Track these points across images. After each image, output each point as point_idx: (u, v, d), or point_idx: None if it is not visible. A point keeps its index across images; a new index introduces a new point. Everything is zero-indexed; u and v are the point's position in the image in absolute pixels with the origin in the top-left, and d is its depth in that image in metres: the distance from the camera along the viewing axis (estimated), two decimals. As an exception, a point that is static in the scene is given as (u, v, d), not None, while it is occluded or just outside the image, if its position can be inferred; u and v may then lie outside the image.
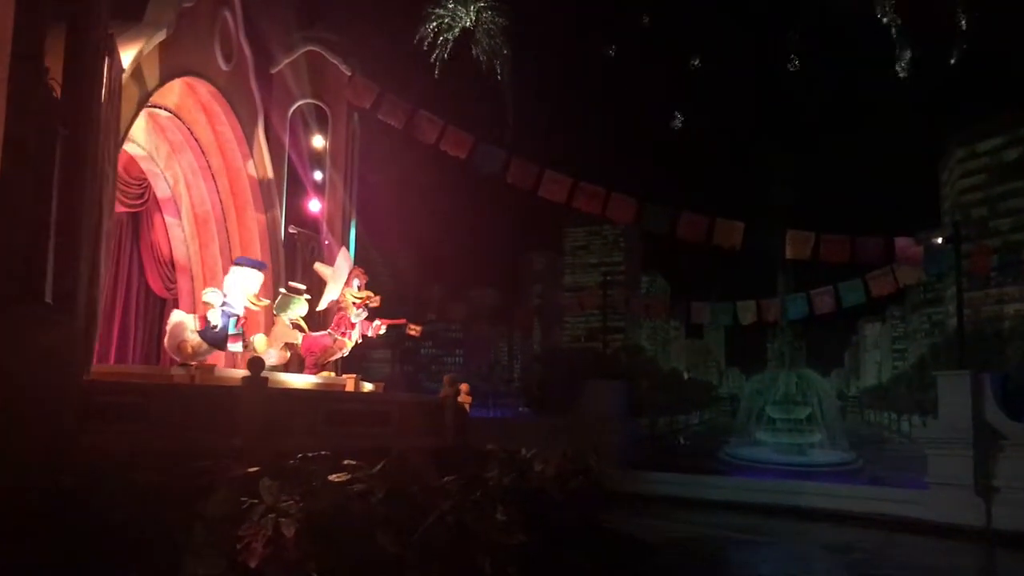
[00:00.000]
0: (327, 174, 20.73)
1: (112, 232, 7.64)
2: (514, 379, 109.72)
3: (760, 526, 19.83)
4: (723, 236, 23.52)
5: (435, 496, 6.21)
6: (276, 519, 5.40)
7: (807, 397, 35.24)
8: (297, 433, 7.95)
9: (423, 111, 23.09)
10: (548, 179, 23.73)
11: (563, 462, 9.63)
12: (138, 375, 9.81)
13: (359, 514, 5.73)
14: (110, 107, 7.36)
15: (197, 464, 5.97)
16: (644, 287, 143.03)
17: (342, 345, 12.57)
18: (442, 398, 10.76)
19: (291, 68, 20.22)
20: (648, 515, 20.54)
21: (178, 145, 15.33)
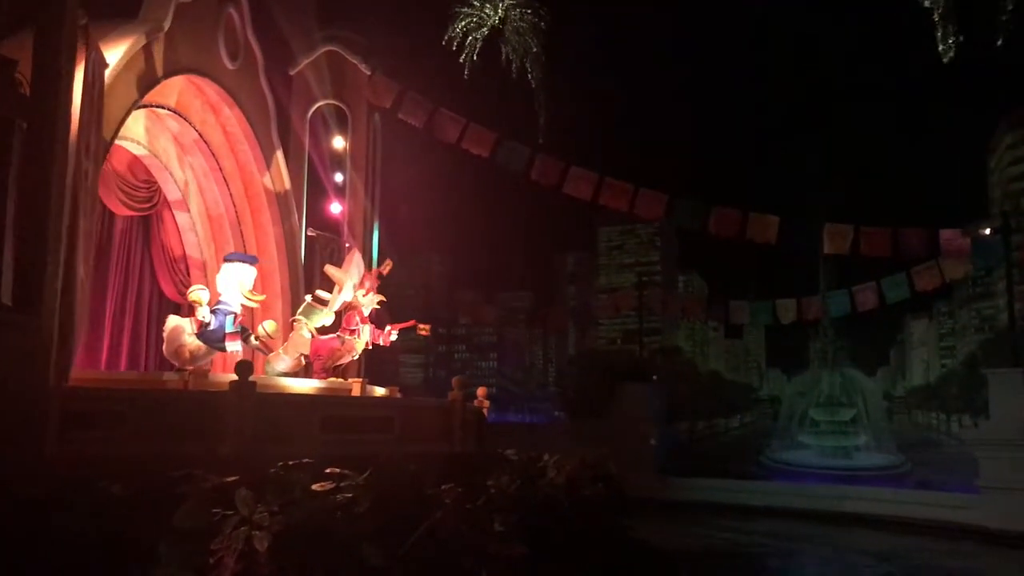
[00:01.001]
0: (347, 176, 20.55)
1: (93, 232, 7.46)
2: (548, 383, 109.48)
3: (801, 533, 19.25)
4: (757, 231, 22.94)
5: (426, 505, 5.88)
6: (249, 532, 5.11)
7: (851, 398, 34.55)
8: (291, 440, 7.67)
9: (444, 109, 22.84)
10: (573, 176, 23.33)
11: (577, 469, 9.23)
12: (129, 381, 9.64)
13: (343, 526, 5.41)
14: (88, 102, 7.17)
15: (173, 473, 5.71)
16: (681, 287, 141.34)
17: (351, 347, 12.32)
18: (450, 402, 10.43)
19: (311, 68, 20.09)
20: (682, 522, 20.13)
21: (188, 146, 15.24)
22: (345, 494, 5.66)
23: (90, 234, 7.44)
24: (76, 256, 6.84)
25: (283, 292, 17.82)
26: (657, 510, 21.66)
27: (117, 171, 13.64)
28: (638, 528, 12.41)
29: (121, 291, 14.49)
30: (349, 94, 20.65)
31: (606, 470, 10.35)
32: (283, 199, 17.48)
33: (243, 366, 7.50)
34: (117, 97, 10.24)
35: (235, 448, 6.77)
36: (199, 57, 12.81)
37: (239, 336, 11.06)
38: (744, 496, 24.29)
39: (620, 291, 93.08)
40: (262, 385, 9.60)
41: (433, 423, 9.80)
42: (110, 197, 13.60)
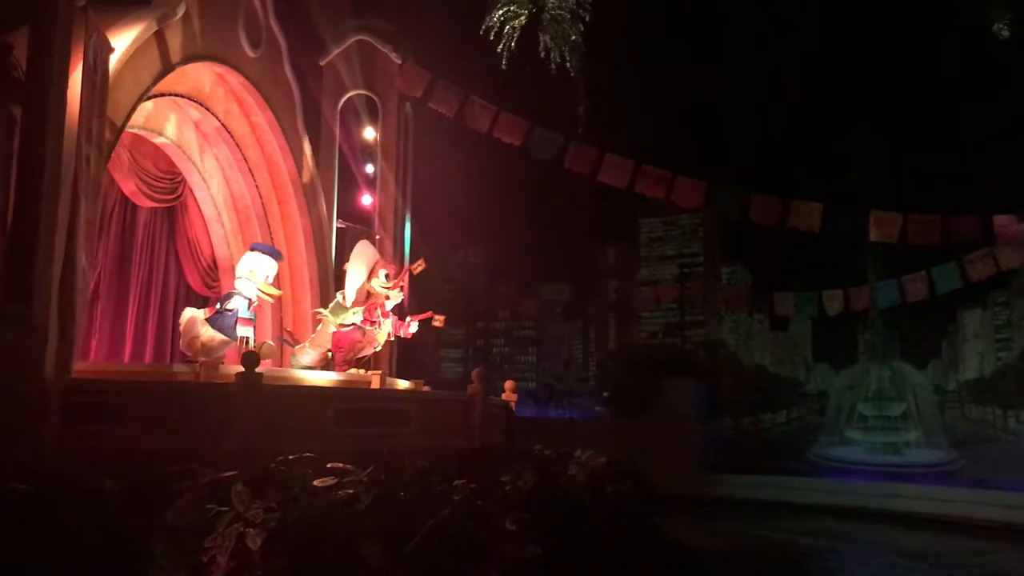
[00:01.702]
0: (378, 167, 20.46)
1: (96, 221, 7.38)
2: (589, 378, 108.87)
3: (846, 532, 18.72)
4: (800, 219, 22.30)
5: (434, 503, 5.65)
6: (241, 529, 4.94)
7: (901, 392, 33.84)
8: (302, 434, 7.48)
9: (475, 97, 22.62)
10: (608, 163, 22.91)
11: (601, 465, 8.94)
12: (139, 372, 9.59)
13: (343, 524, 5.21)
14: (89, 87, 7.06)
15: (171, 468, 5.57)
16: (725, 279, 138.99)
17: (372, 339, 12.16)
18: (469, 395, 10.20)
19: (341, 58, 20.03)
20: (724, 521, 19.76)
21: (211, 137, 15.22)
22: (347, 491, 5.46)
23: (93, 223, 7.36)
24: (76, 245, 6.75)
25: (312, 285, 17.78)
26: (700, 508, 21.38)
27: (138, 161, 13.66)
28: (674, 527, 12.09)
29: (145, 283, 14.54)
30: (380, 84, 20.54)
31: (635, 467, 10.02)
32: (310, 189, 17.42)
33: (249, 357, 7.34)
34: (127, 84, 10.15)
35: (241, 442, 6.63)
36: (217, 44, 12.72)
37: (251, 323, 10.99)
38: (790, 493, 23.96)
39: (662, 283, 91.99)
40: (275, 377, 9.51)
41: (452, 417, 9.57)
42: (131, 188, 13.64)
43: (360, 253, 13.21)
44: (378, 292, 12.45)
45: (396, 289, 12.56)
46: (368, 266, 12.79)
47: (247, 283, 11.30)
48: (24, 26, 6.29)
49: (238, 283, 11.39)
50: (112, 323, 13.53)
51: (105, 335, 13.24)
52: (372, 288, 12.46)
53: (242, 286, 11.28)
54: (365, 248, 13.50)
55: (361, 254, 13.14)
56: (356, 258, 13.11)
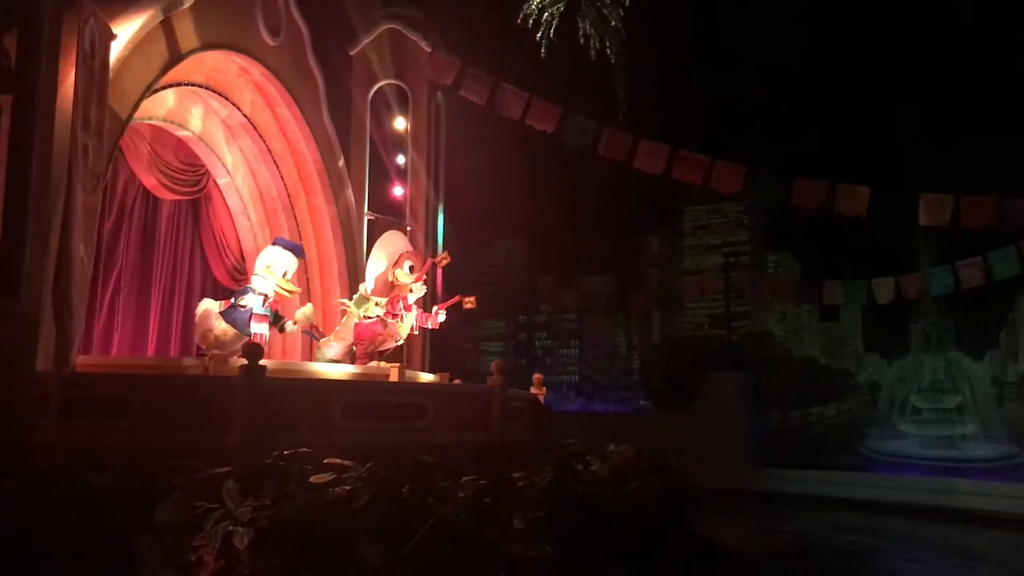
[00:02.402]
0: (409, 157, 20.33)
1: (96, 211, 7.29)
2: (633, 371, 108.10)
3: (898, 529, 18.14)
4: (846, 203, 21.54)
5: (438, 499, 5.43)
6: (228, 527, 4.78)
7: (957, 383, 33.01)
8: (307, 429, 7.34)
9: (506, 84, 22.37)
10: (643, 149, 22.45)
11: (625, 460, 8.64)
12: (147, 366, 9.53)
13: (340, 522, 5.02)
14: (86, 74, 6.95)
15: (167, 464, 5.44)
16: (771, 267, 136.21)
17: (393, 332, 11.99)
18: (489, 388, 9.96)
19: (371, 47, 19.93)
20: (769, 517, 19.40)
21: (234, 128, 15.19)
22: (344, 487, 5.27)
23: (93, 213, 7.27)
24: (71, 236, 6.66)
25: (340, 277, 17.71)
26: (745, 503, 21.11)
27: (159, 154, 13.68)
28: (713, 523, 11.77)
29: (170, 277, 14.57)
30: (410, 73, 20.40)
31: (667, 461, 9.69)
32: (337, 180, 17.33)
33: (252, 349, 7.20)
34: (135, 73, 10.09)
35: (244, 438, 6.49)
36: (233, 32, 12.61)
37: (266, 319, 10.87)
38: (841, 489, 23.50)
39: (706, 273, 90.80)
40: (282, 370, 9.38)
41: (471, 411, 9.33)
42: (151, 180, 13.66)
43: (384, 242, 13.07)
44: (401, 284, 12.25)
45: (419, 282, 12.35)
46: (390, 256, 12.60)
47: (263, 279, 11.20)
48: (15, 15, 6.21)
49: (254, 279, 11.29)
50: (136, 317, 13.58)
51: (129, 329, 13.30)
52: (395, 279, 12.27)
53: (258, 282, 11.18)
54: (391, 238, 13.37)
55: (385, 243, 12.99)
56: (380, 247, 12.96)
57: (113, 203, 13.20)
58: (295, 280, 17.37)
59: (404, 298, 12.13)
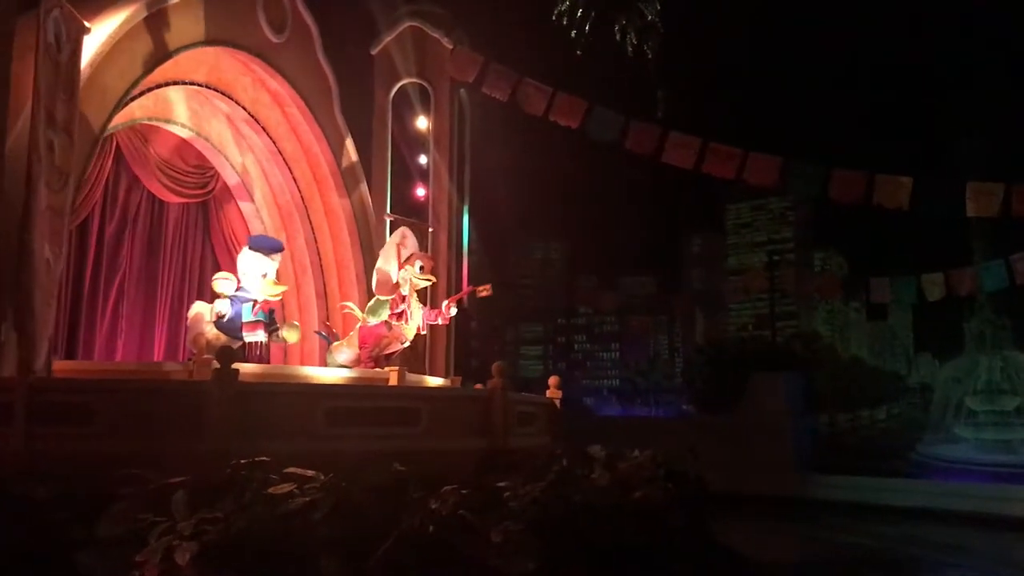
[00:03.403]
0: (431, 157, 20.17)
1: (64, 212, 7.13)
2: (675, 374, 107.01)
3: (954, 539, 17.30)
4: (886, 195, 20.81)
5: (409, 511, 5.12)
6: (171, 542, 4.53)
7: (1015, 385, 31.78)
8: (286, 436, 7.07)
9: (529, 79, 22.11)
10: (673, 142, 21.99)
11: (631, 467, 8.24)
12: (127, 372, 9.38)
13: (298, 534, 4.75)
14: (50, 68, 6.79)
15: (118, 473, 5.23)
16: (818, 265, 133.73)
17: (399, 334, 11.71)
18: (489, 391, 9.62)
19: (393, 46, 19.81)
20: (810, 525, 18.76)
21: (244, 130, 15.09)
22: (304, 498, 5.00)
23: (61, 212, 7.12)
24: (32, 236, 6.50)
25: (359, 279, 17.55)
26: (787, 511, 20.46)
27: (160, 155, 13.60)
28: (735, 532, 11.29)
29: (179, 281, 14.51)
30: (432, 71, 20.25)
31: (680, 467, 9.27)
32: (351, 180, 17.16)
33: (225, 352, 6.98)
34: (118, 70, 9.94)
35: (216, 445, 6.26)
36: (230, 28, 12.43)
37: (260, 326, 10.64)
38: (890, 496, 22.57)
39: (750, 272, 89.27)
40: (273, 375, 9.17)
41: (470, 415, 9.00)
42: (152, 183, 13.60)
43: (392, 242, 12.85)
44: (413, 285, 11.99)
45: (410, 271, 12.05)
46: (398, 254, 12.35)
47: (251, 283, 10.96)
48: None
49: (243, 284, 11.04)
50: (142, 323, 13.52)
51: (135, 335, 13.25)
52: (401, 279, 12.02)
53: (247, 286, 10.92)
54: (399, 237, 13.15)
55: (392, 246, 12.77)
56: (386, 248, 12.75)
57: (115, 207, 13.16)
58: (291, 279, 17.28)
59: (404, 297, 11.87)
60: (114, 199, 13.09)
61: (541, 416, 11.65)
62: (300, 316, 17.21)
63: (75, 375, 8.48)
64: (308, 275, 17.51)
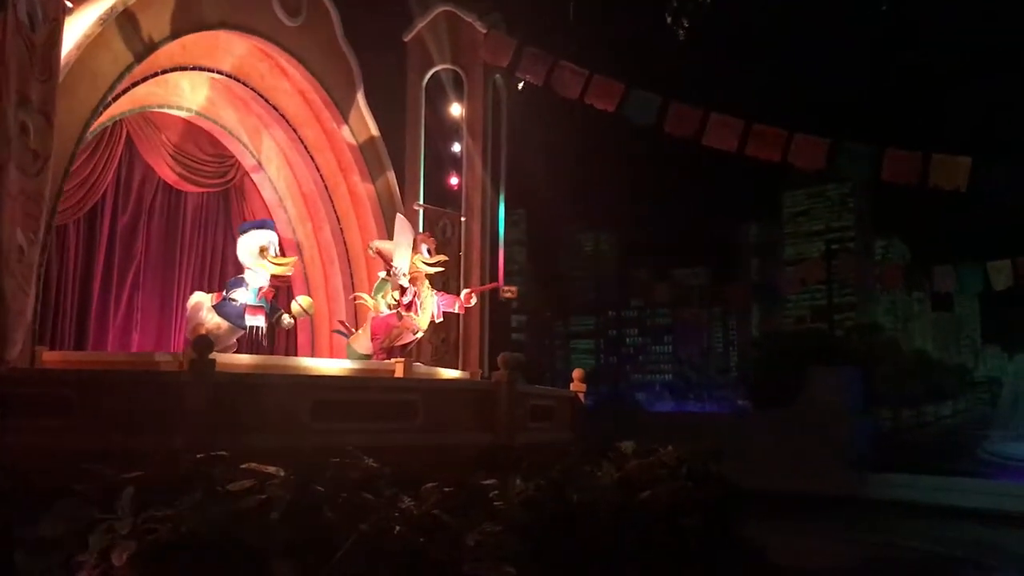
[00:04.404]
0: (464, 145, 19.98)
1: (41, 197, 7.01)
2: (730, 368, 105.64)
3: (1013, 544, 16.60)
4: (943, 176, 19.91)
5: (367, 511, 4.85)
6: (111, 541, 4.34)
7: (1090, 378, 30.64)
8: (270, 430, 6.86)
9: (564, 62, 21.74)
10: (714, 124, 21.38)
11: (641, 466, 7.85)
12: (116, 362, 9.29)
13: (251, 535, 4.52)
14: (23, 47, 6.68)
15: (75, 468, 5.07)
16: (879, 253, 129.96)
17: (410, 324, 11.46)
18: (493, 384, 9.28)
19: (427, 32, 19.67)
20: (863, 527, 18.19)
21: (262, 116, 15.00)
22: (260, 496, 4.77)
23: (37, 197, 7.00)
24: (2, 221, 6.40)
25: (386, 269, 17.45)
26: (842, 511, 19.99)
27: (174, 143, 13.57)
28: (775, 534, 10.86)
29: (198, 272, 14.49)
30: (465, 57, 20.05)
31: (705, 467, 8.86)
32: (376, 167, 16.98)
33: (201, 342, 6.80)
34: (112, 53, 9.87)
35: (192, 439, 6.08)
36: (238, 11, 12.25)
37: (262, 311, 10.53)
38: (955, 496, 21.87)
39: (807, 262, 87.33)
40: (268, 366, 9.00)
41: (472, 409, 8.69)
42: (167, 172, 13.58)
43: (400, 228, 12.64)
44: (419, 270, 11.78)
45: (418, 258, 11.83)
46: (409, 241, 12.14)
47: (253, 271, 10.88)
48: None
49: (247, 272, 10.98)
50: (159, 314, 13.54)
51: (151, 327, 13.26)
52: (414, 267, 11.81)
53: (249, 276, 10.85)
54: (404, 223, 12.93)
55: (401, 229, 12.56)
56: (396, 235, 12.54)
57: (129, 196, 13.17)
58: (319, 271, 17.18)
59: (409, 288, 11.65)
60: (127, 188, 13.10)
61: (560, 410, 11.31)
62: (329, 308, 17.15)
63: (65, 366, 8.43)
64: (335, 266, 17.41)
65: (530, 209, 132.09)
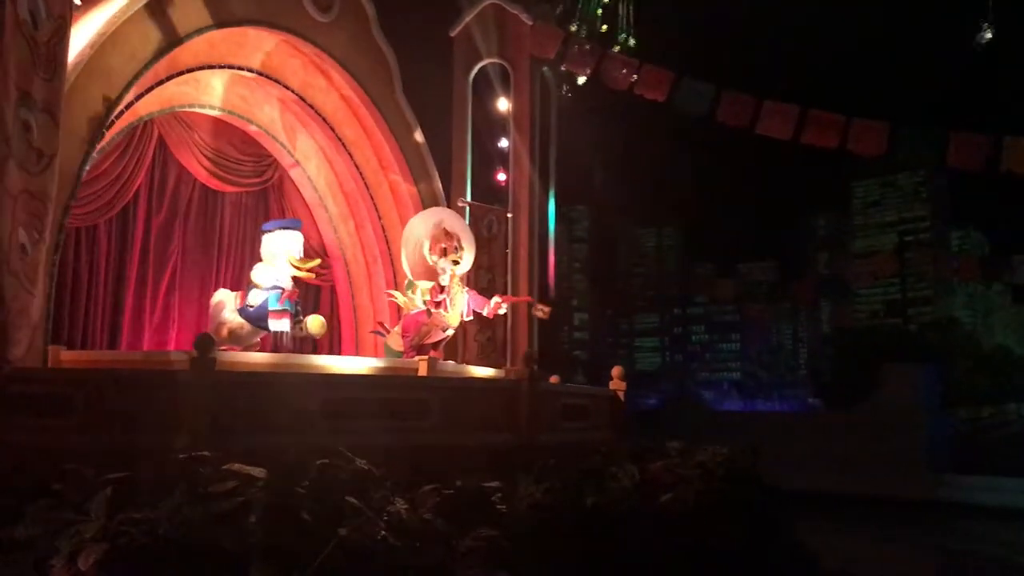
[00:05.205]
0: (511, 140, 19.82)
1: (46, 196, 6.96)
2: (800, 366, 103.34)
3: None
4: (1016, 160, 19.07)
5: (346, 515, 4.65)
6: (79, 544, 4.23)
7: None
8: (276, 430, 6.72)
9: (612, 53, 21.42)
10: (767, 111, 20.82)
11: (665, 468, 7.49)
12: (130, 361, 9.28)
13: (231, 538, 4.37)
14: (24, 44, 6.68)
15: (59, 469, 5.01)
16: (955, 245, 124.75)
17: (439, 322, 11.27)
18: (514, 381, 8.98)
19: (474, 25, 19.61)
20: (936, 532, 17.55)
21: (299, 114, 15.02)
22: (239, 498, 4.61)
23: (42, 196, 7.01)
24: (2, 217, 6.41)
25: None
26: (915, 515, 19.42)
27: (208, 143, 13.66)
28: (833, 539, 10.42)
29: (236, 272, 14.56)
30: (511, 49, 19.94)
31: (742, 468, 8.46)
32: (417, 164, 16.86)
33: (202, 340, 6.70)
34: (129, 51, 9.87)
35: (193, 440, 5.99)
36: (264, 7, 12.17)
37: (287, 314, 10.42)
38: None
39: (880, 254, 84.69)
40: (284, 365, 8.89)
41: (491, 408, 8.38)
42: (200, 172, 13.68)
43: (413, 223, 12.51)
44: (438, 267, 11.61)
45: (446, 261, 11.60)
46: (425, 238, 11.95)
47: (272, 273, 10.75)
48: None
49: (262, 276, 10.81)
50: (197, 314, 13.63)
51: (188, 326, 13.36)
52: (434, 265, 11.65)
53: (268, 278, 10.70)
54: (422, 217, 12.78)
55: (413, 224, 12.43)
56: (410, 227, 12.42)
57: (164, 197, 13.29)
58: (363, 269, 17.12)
59: (439, 286, 11.45)
60: (162, 188, 13.23)
61: (596, 409, 10.98)
62: (373, 307, 17.14)
63: (82, 365, 8.48)
64: (378, 265, 17.36)
65: (591, 206, 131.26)
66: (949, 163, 19.80)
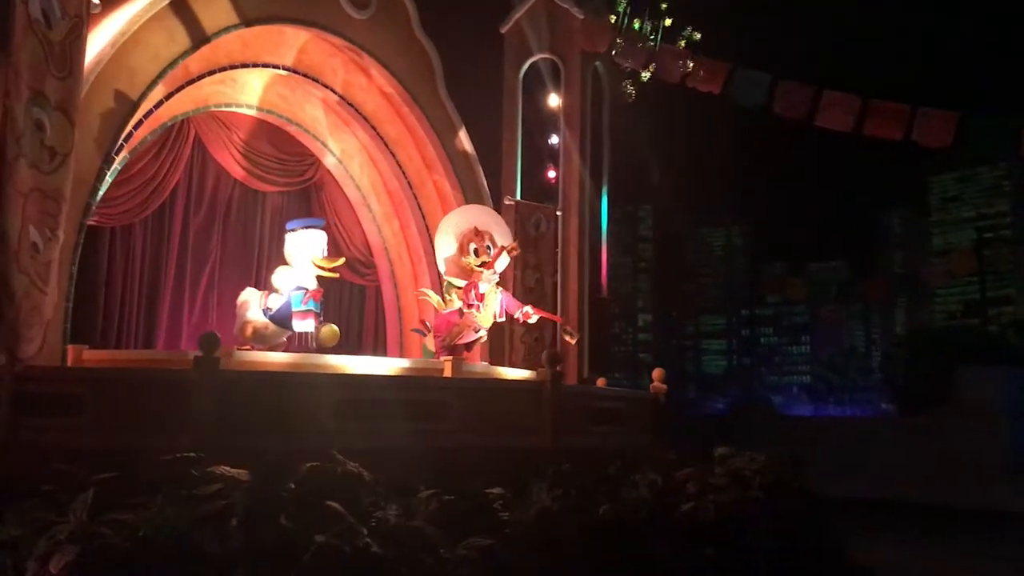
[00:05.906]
0: (561, 136, 19.71)
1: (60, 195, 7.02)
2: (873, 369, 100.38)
3: None
4: (1096, 151, 18.09)
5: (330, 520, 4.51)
6: (53, 545, 4.19)
7: None
8: (285, 431, 6.63)
9: (665, 44, 21.05)
10: (827, 102, 20.18)
11: (687, 477, 7.18)
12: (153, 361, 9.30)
13: (212, 542, 4.28)
14: (38, 43, 6.73)
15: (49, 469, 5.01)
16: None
17: (471, 322, 11.11)
18: (538, 383, 8.74)
19: (525, 21, 19.61)
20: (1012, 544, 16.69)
21: (340, 113, 15.08)
22: (222, 501, 4.53)
23: (57, 194, 7.09)
24: (7, 218, 6.47)
25: (465, 264, 17.30)
26: (997, 526, 18.72)
27: (247, 143, 13.77)
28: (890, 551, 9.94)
29: (269, 273, 14.73)
30: (562, 45, 19.87)
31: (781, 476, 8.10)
32: (461, 162, 16.79)
33: (208, 339, 6.67)
34: (152, 50, 9.94)
35: (199, 440, 5.95)
36: (296, 3, 12.29)
37: (311, 314, 10.37)
38: None
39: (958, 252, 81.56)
40: (300, 364, 8.81)
41: (514, 411, 8.17)
42: (239, 171, 13.80)
43: (445, 221, 12.38)
44: (471, 267, 11.47)
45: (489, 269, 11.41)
46: (456, 236, 11.82)
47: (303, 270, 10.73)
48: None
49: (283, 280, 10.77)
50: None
51: (228, 326, 13.52)
52: (468, 266, 11.52)
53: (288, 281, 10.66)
54: (455, 214, 12.63)
55: (445, 222, 12.30)
56: (442, 225, 12.30)
57: (203, 197, 13.47)
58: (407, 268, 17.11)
59: (476, 285, 11.29)
60: (200, 188, 13.41)
61: (632, 413, 10.67)
62: (417, 306, 17.15)
63: (100, 364, 8.56)
64: (423, 264, 17.34)
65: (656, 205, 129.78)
66: (1023, 154, 18.96)
